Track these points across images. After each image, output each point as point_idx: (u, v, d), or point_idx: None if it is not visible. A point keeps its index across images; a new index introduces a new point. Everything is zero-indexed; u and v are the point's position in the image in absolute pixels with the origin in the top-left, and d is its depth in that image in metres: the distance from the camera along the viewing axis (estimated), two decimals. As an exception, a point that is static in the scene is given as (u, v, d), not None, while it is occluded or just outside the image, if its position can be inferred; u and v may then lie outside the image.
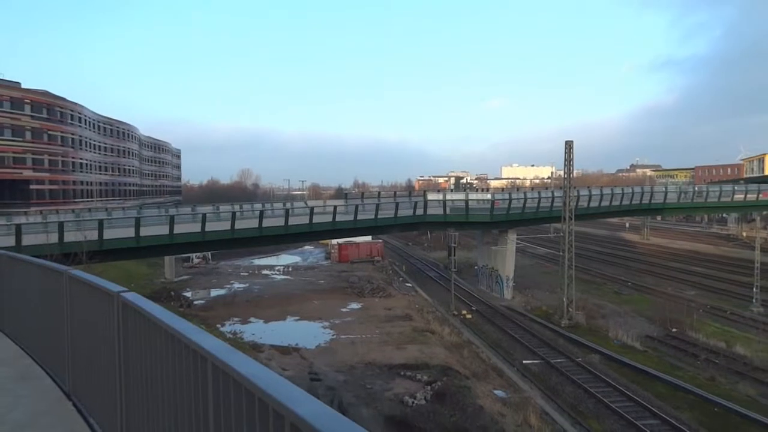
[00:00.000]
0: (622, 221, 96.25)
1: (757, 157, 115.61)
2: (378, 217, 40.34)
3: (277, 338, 31.85)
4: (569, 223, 39.53)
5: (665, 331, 34.99)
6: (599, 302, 43.44)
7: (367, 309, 39.93)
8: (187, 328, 3.17)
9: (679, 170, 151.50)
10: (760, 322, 33.74)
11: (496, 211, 43.45)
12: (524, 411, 21.49)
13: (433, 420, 19.59)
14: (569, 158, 39.49)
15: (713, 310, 40.51)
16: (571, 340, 33.52)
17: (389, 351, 29.04)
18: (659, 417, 21.95)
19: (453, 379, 24.26)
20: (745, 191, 58.20)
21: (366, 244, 65.16)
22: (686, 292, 45.76)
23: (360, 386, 23.61)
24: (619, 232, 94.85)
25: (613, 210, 51.27)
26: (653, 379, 26.61)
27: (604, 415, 22.58)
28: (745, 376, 26.84)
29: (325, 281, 52.88)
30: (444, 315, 40.03)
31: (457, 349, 30.27)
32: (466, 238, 71.73)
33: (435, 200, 44.74)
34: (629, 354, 30.51)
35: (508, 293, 46.33)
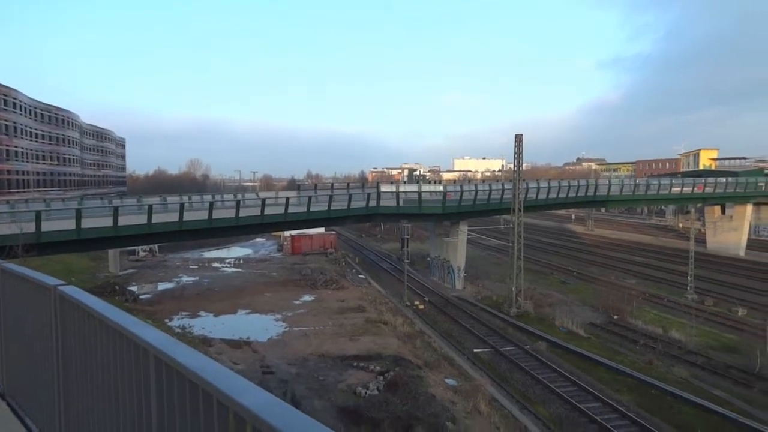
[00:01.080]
0: (568, 213, 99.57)
1: (692, 153, 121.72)
2: (331, 208, 40.17)
3: (227, 332, 31.30)
4: (519, 215, 40.53)
5: (608, 319, 36.53)
6: (546, 291, 44.86)
7: (320, 301, 39.77)
8: (129, 321, 3.08)
9: (622, 164, 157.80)
10: (694, 309, 35.70)
11: (448, 203, 44.04)
12: (474, 398, 21.99)
13: (386, 409, 19.77)
14: (519, 152, 40.42)
15: (652, 297, 42.57)
16: (520, 329, 34.50)
17: (342, 342, 29.05)
18: (601, 400, 22.94)
19: (405, 369, 24.51)
20: (682, 184, 61.29)
21: (319, 236, 64.76)
22: (627, 281, 47.88)
23: (313, 378, 23.54)
24: (566, 224, 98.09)
25: (560, 202, 52.90)
26: (596, 364, 27.75)
27: (550, 400, 23.39)
28: (679, 359, 28.39)
29: (278, 273, 52.28)
30: (397, 306, 40.36)
31: (410, 340, 30.61)
32: (419, 229, 72.47)
33: (388, 192, 44.92)
34: (574, 341, 31.70)
35: (460, 284, 47.16)
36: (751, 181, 64.30)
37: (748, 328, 32.44)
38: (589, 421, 21.19)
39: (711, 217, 69.13)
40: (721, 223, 67.69)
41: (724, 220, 67.26)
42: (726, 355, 29.19)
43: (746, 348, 28.85)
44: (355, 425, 18.80)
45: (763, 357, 26.84)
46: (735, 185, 62.03)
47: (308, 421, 1.66)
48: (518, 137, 40.34)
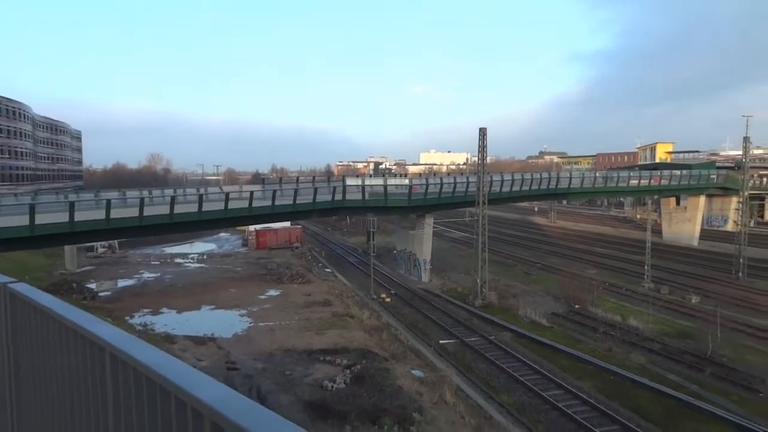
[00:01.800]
0: (531, 205, 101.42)
1: (649, 146, 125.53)
2: (296, 202, 39.82)
3: (191, 328, 30.76)
4: (483, 208, 41.07)
5: (569, 308, 37.46)
6: (510, 282, 45.67)
7: (286, 295, 39.49)
8: (83, 318, 2.99)
9: (582, 157, 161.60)
10: (650, 297, 36.97)
11: (413, 196, 44.26)
12: (440, 389, 22.27)
13: (353, 402, 19.82)
14: (483, 145, 40.89)
15: (611, 287, 43.85)
16: (485, 319, 35.06)
17: (309, 337, 28.96)
18: (563, 387, 23.58)
19: (372, 362, 24.62)
20: (639, 177, 63.18)
21: (284, 230, 64.17)
22: (588, 271, 49.11)
23: (279, 373, 23.39)
24: (529, 216, 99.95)
25: (524, 194, 53.81)
26: (558, 352, 28.46)
27: (514, 389, 23.90)
28: (636, 345, 29.37)
29: (242, 268, 51.63)
30: (363, 299, 40.43)
31: (377, 332, 30.72)
32: (384, 222, 72.72)
33: (354, 185, 44.83)
34: (537, 330, 32.41)
35: (426, 276, 47.55)
36: (704, 173, 66.83)
37: (700, 314, 33.76)
38: (552, 407, 21.75)
39: (666, 209, 71.60)
40: (676, 215, 70.21)
41: (679, 212, 69.78)
42: (680, 341, 30.33)
43: (699, 334, 30.04)
44: (322, 419, 18.79)
45: (714, 342, 28.01)
46: (689, 178, 64.33)
47: (266, 413, 1.65)
48: (482, 131, 40.80)
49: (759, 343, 29.77)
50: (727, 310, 34.42)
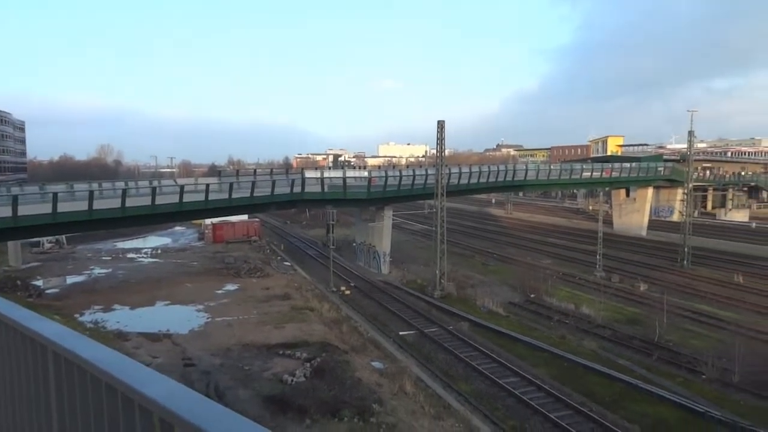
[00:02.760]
0: (489, 197, 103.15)
1: (601, 139, 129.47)
2: (254, 195, 39.22)
3: (145, 325, 29.93)
4: (442, 200, 41.48)
5: (525, 297, 38.38)
6: (469, 273, 46.40)
7: (244, 290, 38.92)
8: (22, 314, 2.86)
9: (538, 150, 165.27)
10: (602, 285, 38.30)
11: (373, 189, 44.28)
12: (400, 380, 22.46)
13: (312, 395, 19.75)
14: (441, 137, 41.23)
15: (565, 276, 45.16)
16: (444, 310, 35.52)
17: (268, 331, 28.65)
18: (519, 375, 24.18)
19: (332, 355, 24.59)
20: (591, 169, 65.12)
21: (242, 223, 63.12)
22: (543, 261, 50.45)
23: (237, 368, 23.06)
24: (487, 208, 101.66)
25: (482, 187, 54.67)
26: (514, 341, 29.15)
27: (472, 377, 24.35)
28: (589, 332, 30.39)
29: (199, 263, 50.54)
30: (323, 292, 40.28)
31: (336, 325, 30.69)
32: (344, 215, 72.49)
33: (313, 178, 44.54)
34: (494, 319, 33.09)
35: (386, 268, 47.75)
36: (652, 166, 69.52)
37: (648, 301, 35.19)
38: (508, 394, 22.29)
39: (617, 200, 74.14)
40: (625, 206, 72.80)
41: (629, 203, 72.38)
42: (629, 327, 31.54)
43: (647, 320, 31.31)
44: (281, 413, 18.65)
45: (661, 327, 29.27)
46: (638, 170, 66.74)
47: (217, 408, 1.61)
48: (440, 123, 41.11)
49: (702, 328, 31.27)
50: (673, 296, 36.07)
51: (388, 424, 18.12)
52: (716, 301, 37.25)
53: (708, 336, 29.36)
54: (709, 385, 23.30)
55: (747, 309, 34.25)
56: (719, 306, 35.94)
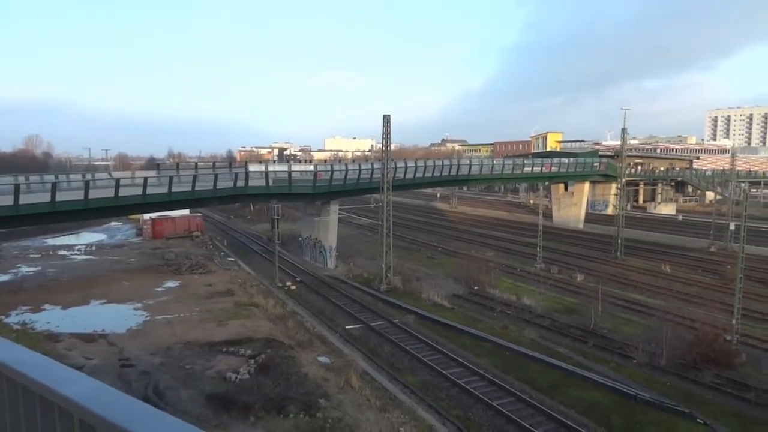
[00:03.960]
0: (434, 191, 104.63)
1: (542, 135, 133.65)
2: (195, 189, 38.04)
3: (79, 325, 28.55)
4: (387, 194, 41.67)
5: (469, 289, 39.21)
6: (414, 267, 46.89)
7: (185, 287, 37.80)
8: None
9: (482, 145, 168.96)
10: (542, 277, 39.63)
11: (318, 183, 43.91)
12: (346, 374, 22.48)
13: (257, 392, 19.47)
14: (387, 132, 41.35)
15: (507, 268, 46.45)
16: (390, 303, 35.78)
17: (210, 328, 27.98)
18: (463, 365, 24.70)
19: (277, 350, 24.31)
20: (532, 164, 67.17)
21: (183, 219, 61.22)
22: (486, 254, 51.70)
23: (178, 367, 22.40)
24: (432, 202, 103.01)
25: (427, 181, 55.28)
26: (459, 332, 29.74)
27: (417, 369, 24.66)
28: (529, 322, 31.42)
29: (137, 259, 48.65)
30: (268, 288, 39.71)
31: (282, 321, 30.35)
32: (289, 209, 71.54)
33: (257, 172, 43.59)
34: (439, 312, 33.63)
35: (332, 263, 47.58)
36: (588, 161, 72.45)
37: (584, 291, 36.75)
38: (453, 385, 22.73)
39: (556, 194, 76.88)
40: (564, 200, 75.60)
41: (567, 197, 75.20)
42: (567, 316, 32.85)
43: (583, 309, 32.73)
44: (225, 411, 18.28)
45: (596, 316, 30.66)
46: (576, 165, 69.41)
47: (141, 406, 1.55)
48: (386, 117, 41.22)
49: (633, 315, 32.97)
50: (607, 286, 37.80)
51: (335, 418, 18.11)
52: (646, 289, 39.35)
53: (638, 323, 30.96)
54: (639, 369, 24.60)
55: (673, 296, 36.36)
56: (648, 294, 37.99)
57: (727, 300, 31.53)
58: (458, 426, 19.10)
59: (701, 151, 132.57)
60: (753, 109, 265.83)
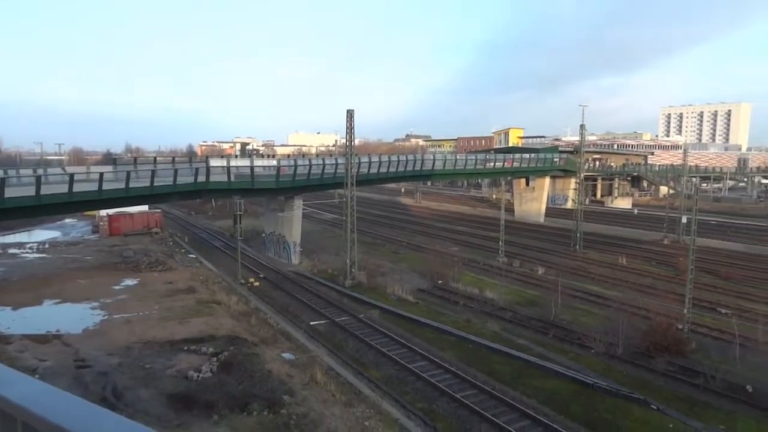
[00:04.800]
0: (398, 186, 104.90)
1: (504, 131, 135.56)
2: (154, 184, 37.08)
3: (31, 326, 27.48)
4: (352, 189, 41.57)
5: (433, 284, 39.56)
6: (379, 262, 47.01)
7: (144, 285, 36.86)
8: None
9: (445, 140, 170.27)
10: (504, 270, 40.35)
11: (282, 178, 43.46)
12: (311, 369, 22.39)
13: (220, 390, 19.19)
14: (351, 127, 41.20)
15: (470, 262, 47.07)
16: (354, 299, 35.77)
17: (171, 326, 27.39)
18: (428, 359, 24.93)
19: (241, 348, 24.01)
20: (495, 160, 68.16)
21: (142, 215, 59.63)
22: (450, 248, 52.25)
23: (138, 367, 21.86)
24: (396, 197, 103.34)
25: (391, 176, 55.41)
26: (423, 326, 30.00)
27: (382, 363, 24.76)
28: (492, 315, 31.95)
29: (93, 257, 47.13)
30: (231, 284, 39.12)
31: (245, 318, 29.96)
32: (252, 205, 70.63)
33: (218, 166, 42.84)
34: (404, 306, 33.82)
35: (296, 258, 47.23)
36: (549, 157, 73.99)
37: (545, 284, 37.59)
38: (417, 378, 22.93)
39: (518, 189, 78.27)
40: (525, 194, 77.05)
41: (528, 192, 76.67)
42: (529, 309, 33.53)
43: (544, 301, 33.47)
44: (187, 410, 17.95)
45: (556, 308, 31.42)
46: (536, 161, 70.78)
47: (89, 407, 1.50)
48: (350, 112, 41.05)
49: (591, 306, 33.93)
50: (567, 278, 38.80)
51: (299, 414, 18.03)
52: (603, 281, 40.55)
53: (596, 314, 31.91)
54: (597, 359, 25.36)
55: (629, 288, 37.59)
56: (606, 286, 39.16)
57: (679, 290, 32.76)
58: (423, 419, 19.29)
59: (655, 147, 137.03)
60: (704, 106, 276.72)
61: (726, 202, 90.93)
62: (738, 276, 41.76)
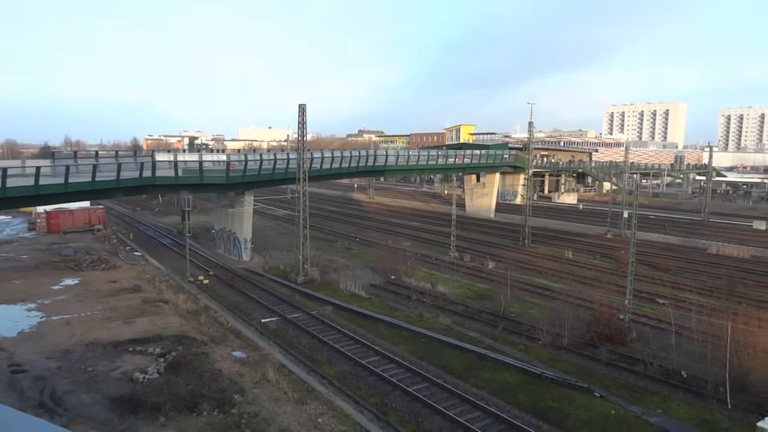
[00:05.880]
0: (351, 182, 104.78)
1: (455, 127, 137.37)
2: (96, 180, 35.56)
3: (-40, 330, 25.87)
4: (304, 184, 41.16)
5: (386, 279, 39.74)
6: (332, 257, 46.82)
7: (86, 284, 35.35)
8: None
9: (398, 136, 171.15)
10: (455, 265, 40.98)
11: (232, 173, 42.54)
12: (262, 368, 22.07)
13: (168, 392, 18.64)
14: (303, 121, 40.73)
15: (423, 257, 47.54)
16: (307, 295, 35.50)
17: (115, 327, 26.40)
18: (380, 354, 25.04)
19: (189, 347, 23.41)
20: (446, 156, 69.04)
21: (83, 211, 57.11)
22: (403, 244, 52.57)
23: (79, 370, 20.95)
24: (350, 193, 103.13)
25: (344, 171, 55.20)
26: (376, 321, 30.09)
27: (335, 360, 24.69)
28: (444, 309, 32.39)
29: (30, 256, 44.80)
30: (179, 283, 38.05)
31: (194, 316, 29.22)
32: (202, 201, 68.92)
33: (165, 161, 41.50)
34: (357, 302, 33.83)
35: (247, 255, 46.42)
36: (499, 153, 75.57)
37: (495, 278, 38.36)
38: (370, 373, 22.99)
39: (469, 185, 79.60)
40: (476, 190, 78.46)
41: (479, 187, 78.09)
42: (479, 302, 34.19)
43: (494, 295, 34.22)
44: (132, 413, 17.35)
45: (506, 301, 32.18)
46: (487, 157, 72.13)
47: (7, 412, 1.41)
48: (302, 107, 40.57)
49: (539, 299, 34.91)
50: (516, 272, 39.76)
51: (250, 413, 17.75)
52: (550, 274, 41.81)
53: (544, 306, 32.83)
54: (544, 349, 26.14)
55: (574, 280, 38.90)
56: (553, 279, 40.39)
57: (620, 282, 34.19)
58: (375, 413, 19.37)
59: (599, 145, 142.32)
60: (644, 105, 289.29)
61: (664, 197, 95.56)
62: (674, 268, 43.99)
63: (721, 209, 79.14)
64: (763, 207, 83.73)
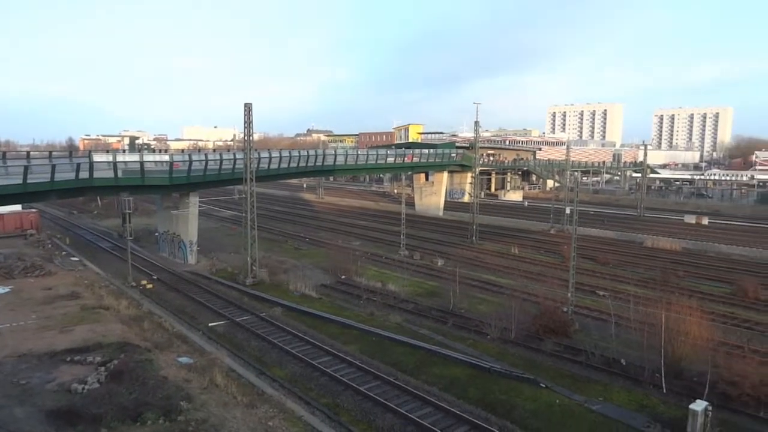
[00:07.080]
0: (300, 182, 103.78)
1: (404, 127, 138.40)
2: (28, 181, 33.64)
3: None
4: (251, 185, 40.43)
5: (336, 279, 39.61)
6: (281, 258, 46.24)
7: (18, 292, 33.44)
8: None
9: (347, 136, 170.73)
10: (405, 263, 41.34)
11: (175, 174, 41.24)
12: (210, 373, 21.52)
13: (109, 401, 17.89)
14: (249, 121, 39.98)
15: (373, 256, 47.67)
16: (256, 297, 34.91)
17: (51, 336, 25.09)
18: (331, 354, 24.92)
19: (132, 355, 22.54)
20: (395, 155, 69.46)
21: (14, 215, 54.06)
22: (353, 243, 52.56)
23: (11, 384, 19.78)
24: (299, 193, 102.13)
25: (293, 171, 54.57)
26: (327, 321, 29.93)
27: (286, 361, 24.39)
28: (394, 307, 32.57)
29: (-45, 264, 41.92)
30: (120, 288, 36.62)
31: (137, 322, 28.16)
32: (144, 203, 66.62)
33: (104, 162, 39.71)
34: (307, 302, 33.54)
35: (193, 258, 45.20)
36: (447, 152, 76.73)
37: (444, 275, 38.96)
38: (321, 374, 22.85)
39: (418, 184, 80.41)
40: (425, 189, 79.35)
41: (428, 186, 79.03)
42: (429, 299, 34.60)
43: (443, 292, 34.70)
44: (70, 426, 16.53)
45: (455, 297, 32.70)
46: (435, 156, 73.11)
47: None
48: (248, 106, 39.81)
49: (487, 294, 35.69)
50: (464, 269, 40.49)
51: (198, 419, 17.28)
52: (498, 270, 42.83)
53: (491, 301, 33.61)
54: (492, 344, 26.74)
55: (520, 275, 39.98)
56: (500, 274, 41.40)
57: (564, 276, 35.35)
58: (327, 413, 19.27)
59: (543, 143, 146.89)
60: (584, 106, 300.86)
61: (603, 194, 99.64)
62: (613, 261, 45.96)
63: (656, 204, 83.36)
64: (692, 202, 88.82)
